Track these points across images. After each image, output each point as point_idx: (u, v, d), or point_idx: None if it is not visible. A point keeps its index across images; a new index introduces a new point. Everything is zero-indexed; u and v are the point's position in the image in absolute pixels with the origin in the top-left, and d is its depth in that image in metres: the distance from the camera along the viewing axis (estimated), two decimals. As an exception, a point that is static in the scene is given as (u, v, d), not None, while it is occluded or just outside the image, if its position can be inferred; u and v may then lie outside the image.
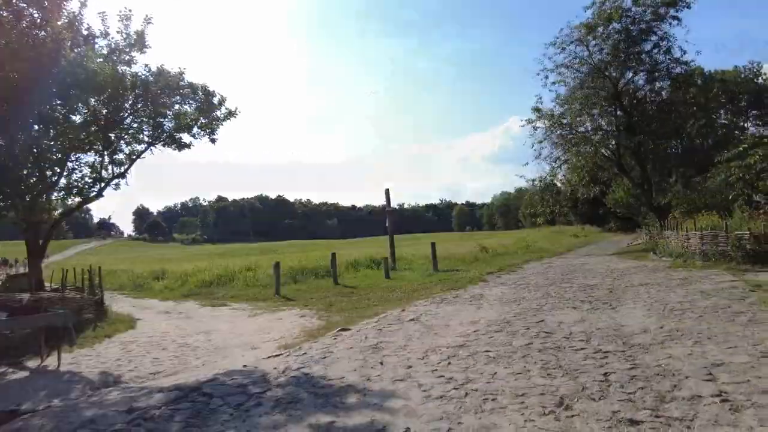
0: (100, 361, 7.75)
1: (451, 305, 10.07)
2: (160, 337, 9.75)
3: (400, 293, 13.46)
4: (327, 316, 10.92)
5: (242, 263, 25.82)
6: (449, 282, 14.68)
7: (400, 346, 6.55)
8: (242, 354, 7.75)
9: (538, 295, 10.57)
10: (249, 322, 11.42)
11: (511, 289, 12.14)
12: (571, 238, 49.33)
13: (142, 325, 11.74)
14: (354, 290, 15.24)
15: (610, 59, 25.50)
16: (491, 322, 7.82)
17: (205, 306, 15.23)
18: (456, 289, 12.81)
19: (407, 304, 10.96)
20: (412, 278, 16.96)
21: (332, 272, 17.95)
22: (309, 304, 13.39)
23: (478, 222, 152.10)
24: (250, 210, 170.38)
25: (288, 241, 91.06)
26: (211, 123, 12.98)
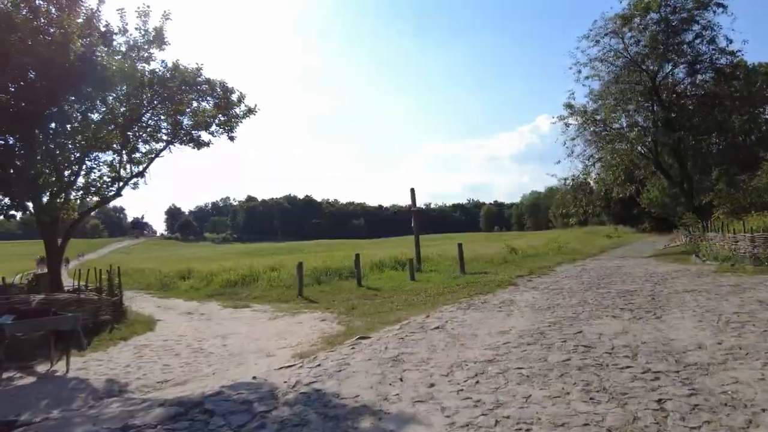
0: (109, 367, 7.43)
1: (478, 312, 9.43)
2: (175, 341, 9.44)
3: (424, 297, 12.87)
4: (348, 320, 10.43)
5: (267, 263, 25.65)
6: (477, 285, 14.01)
7: (423, 358, 5.98)
8: (255, 362, 7.32)
9: (573, 302, 9.83)
10: (268, 325, 11.03)
11: (543, 294, 11.41)
12: (604, 239, 47.68)
13: (161, 327, 11.50)
14: (378, 293, 14.73)
15: (647, 52, 24.25)
16: (523, 332, 7.17)
17: (227, 307, 14.98)
18: (484, 294, 12.15)
19: (432, 309, 10.37)
20: (437, 280, 16.35)
21: (356, 273, 17.49)
22: (331, 306, 12.95)
23: (507, 222, 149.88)
24: (279, 210, 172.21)
25: (315, 241, 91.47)
26: (230, 120, 12.68)
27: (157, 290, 23.15)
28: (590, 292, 11.09)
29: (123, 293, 12.34)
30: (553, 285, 13.12)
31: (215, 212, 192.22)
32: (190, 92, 11.93)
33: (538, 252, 27.82)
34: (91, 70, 8.70)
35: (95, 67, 8.83)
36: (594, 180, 29.57)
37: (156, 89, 11.43)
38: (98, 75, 8.78)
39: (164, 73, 11.65)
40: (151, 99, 11.67)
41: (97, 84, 8.96)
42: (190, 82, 11.73)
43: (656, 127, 24.73)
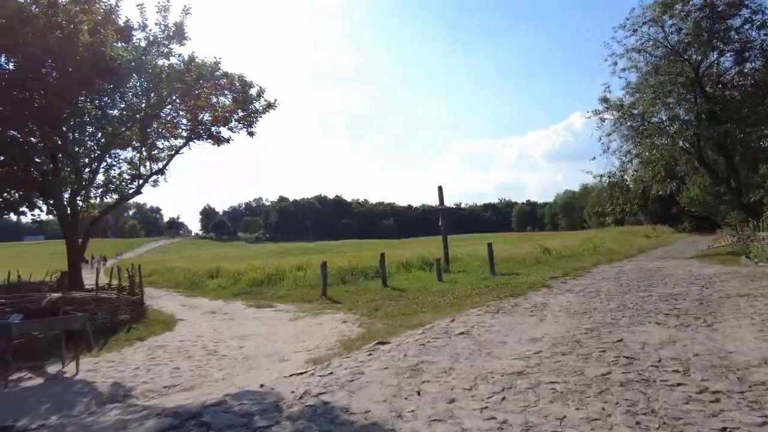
0: (119, 369, 7.17)
1: (508, 316, 8.79)
2: (191, 343, 9.16)
3: (451, 299, 12.27)
4: (369, 323, 9.95)
5: (295, 262, 25.47)
6: (507, 287, 13.31)
7: (444, 368, 5.43)
8: (268, 367, 6.92)
9: (611, 306, 9.06)
10: (288, 326, 10.67)
11: (578, 297, 10.65)
12: (642, 239, 45.77)
13: (180, 327, 11.30)
14: (403, 293, 14.20)
15: (690, 40, 22.82)
16: (557, 340, 6.52)
17: (250, 306, 14.78)
18: (515, 297, 11.47)
19: (458, 312, 9.78)
20: (466, 282, 15.69)
21: (381, 274, 17.01)
22: (354, 307, 12.52)
23: (540, 222, 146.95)
24: (310, 210, 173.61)
25: (344, 241, 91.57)
26: (250, 116, 12.40)
27: (185, 289, 23.27)
28: (630, 296, 10.28)
29: (144, 292, 12.20)
30: (589, 287, 12.31)
31: (248, 212, 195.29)
32: (207, 86, 11.70)
33: (573, 252, 26.72)
34: (101, 61, 8.50)
35: (104, 58, 8.64)
36: (631, 177, 28.17)
37: (174, 84, 11.21)
38: (108, 66, 8.57)
39: (181, 67, 11.44)
40: (169, 94, 11.48)
41: (108, 76, 8.76)
42: (207, 76, 11.49)
43: (699, 120, 23.25)
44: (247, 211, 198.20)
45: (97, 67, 8.35)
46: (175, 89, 11.23)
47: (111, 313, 10.01)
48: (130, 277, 12.07)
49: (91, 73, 8.24)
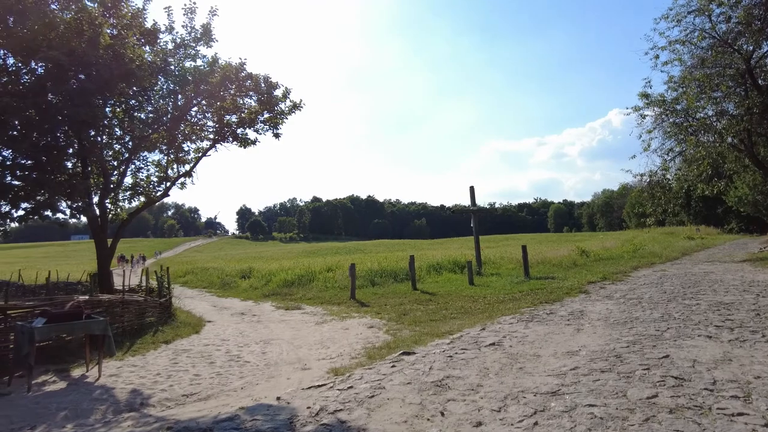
0: (141, 374, 7.07)
1: (542, 325, 8.30)
2: (215, 347, 9.03)
3: (483, 304, 11.82)
4: (396, 329, 9.63)
5: (327, 262, 25.46)
6: (542, 292, 12.75)
7: (472, 385, 5.04)
8: (288, 376, 6.68)
9: (655, 316, 8.43)
10: (313, 330, 10.46)
11: (618, 305, 10.02)
12: (685, 240, 43.68)
13: (207, 329, 11.24)
14: (432, 297, 13.82)
15: (740, 29, 21.43)
16: (595, 354, 6.02)
17: (279, 308, 14.70)
18: (550, 303, 10.92)
19: (489, 319, 9.34)
20: (498, 286, 15.17)
21: (410, 276, 16.66)
22: (382, 311, 12.24)
23: (577, 222, 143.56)
24: (342, 210, 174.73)
25: (376, 241, 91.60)
26: (276, 117, 12.24)
27: (218, 289, 23.49)
28: (675, 304, 9.58)
29: (172, 294, 12.20)
30: (629, 293, 11.62)
31: (283, 212, 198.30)
32: (233, 88, 11.59)
33: (612, 255, 25.67)
34: (121, 64, 8.46)
35: (124, 61, 8.59)
36: (674, 176, 26.81)
37: (200, 86, 11.15)
38: (127, 69, 8.52)
39: (205, 68, 11.37)
40: (195, 96, 11.43)
41: (128, 78, 8.73)
42: (232, 77, 11.39)
43: (751, 115, 21.83)
44: (282, 211, 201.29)
45: (118, 70, 8.30)
46: (200, 91, 11.17)
47: (138, 316, 10.02)
48: (158, 279, 12.10)
49: (112, 77, 8.19)
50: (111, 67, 8.06)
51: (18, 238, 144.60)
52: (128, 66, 8.46)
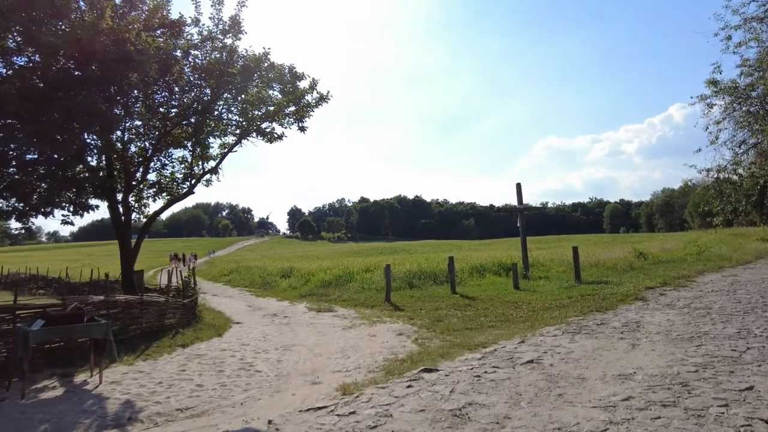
0: (142, 382, 6.59)
1: (591, 338, 7.22)
2: (231, 353, 8.51)
3: (526, 311, 10.76)
4: (426, 337, 8.78)
5: (365, 263, 24.83)
6: (593, 299, 11.51)
7: (497, 417, 4.14)
8: (294, 392, 5.99)
9: (730, 331, 7.15)
10: (339, 336, 9.78)
11: (682, 315, 8.72)
12: (758, 242, 39.85)
13: (232, 332, 10.79)
14: (472, 302, 12.85)
15: (830, 3, 19.03)
16: (654, 379, 4.96)
17: (311, 310, 14.21)
18: (602, 311, 9.73)
19: (531, 330, 8.32)
20: (546, 290, 13.98)
21: (450, 279, 15.70)
22: (415, 316, 11.43)
23: (635, 223, 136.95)
24: (390, 210, 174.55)
25: (422, 241, 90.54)
26: (302, 110, 11.63)
27: (258, 288, 23.42)
28: (754, 317, 8.19)
29: (198, 294, 11.84)
30: (695, 302, 10.22)
31: (332, 212, 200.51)
32: (255, 79, 11.05)
33: (673, 257, 23.52)
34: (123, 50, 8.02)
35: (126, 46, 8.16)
36: (747, 171, 24.27)
37: (223, 78, 10.66)
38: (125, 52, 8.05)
39: (223, 58, 10.87)
40: (217, 88, 10.97)
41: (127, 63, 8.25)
42: (252, 67, 10.84)
43: (841, 102, 19.37)
44: (331, 211, 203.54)
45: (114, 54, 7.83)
46: (222, 83, 10.69)
47: (158, 317, 9.68)
48: (183, 280, 11.78)
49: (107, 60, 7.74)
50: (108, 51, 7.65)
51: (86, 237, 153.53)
52: (126, 50, 8.03)
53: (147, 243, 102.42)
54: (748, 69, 21.46)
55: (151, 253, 78.23)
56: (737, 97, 21.47)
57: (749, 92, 21.15)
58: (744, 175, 24.08)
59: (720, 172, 23.73)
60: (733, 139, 22.51)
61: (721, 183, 24.19)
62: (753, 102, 21.38)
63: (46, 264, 37.05)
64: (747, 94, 21.26)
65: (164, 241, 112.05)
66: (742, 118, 21.99)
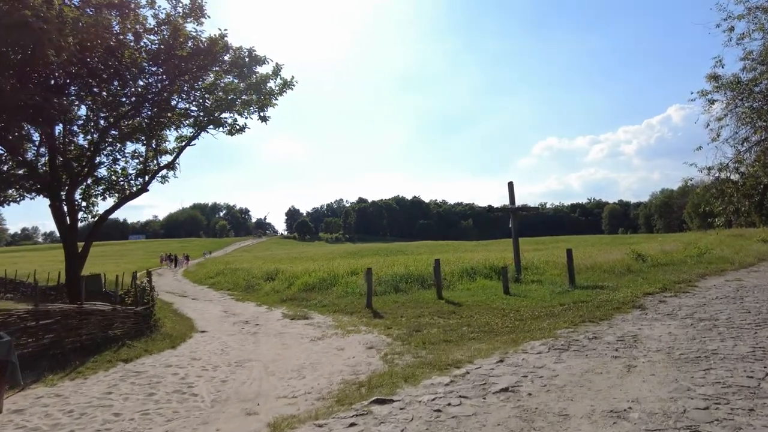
0: (49, 411, 5.57)
1: (580, 357, 6.23)
2: (175, 369, 7.52)
3: (513, 320, 9.79)
4: (398, 352, 7.80)
5: (353, 266, 23.88)
6: (587, 306, 10.53)
7: (448, 476, 3.17)
8: (220, 427, 5.00)
9: (742, 350, 6.14)
10: (304, 349, 8.80)
11: (685, 327, 7.74)
12: (759, 244, 38.85)
13: (190, 343, 9.81)
14: (457, 309, 11.88)
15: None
16: (654, 420, 3.96)
17: (287, 317, 13.31)
18: (595, 322, 8.75)
19: (514, 345, 7.34)
20: (537, 296, 13.01)
21: (436, 283, 14.71)
22: (394, 325, 10.49)
23: (633, 223, 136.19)
24: (388, 211, 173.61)
25: (419, 242, 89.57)
26: (264, 98, 10.58)
27: (241, 291, 22.58)
28: (767, 330, 7.22)
29: (154, 301, 10.80)
30: (699, 311, 9.24)
31: (330, 213, 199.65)
32: (209, 64, 9.97)
33: (672, 260, 22.50)
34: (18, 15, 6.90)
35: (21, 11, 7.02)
36: (749, 170, 23.27)
37: (172, 62, 9.59)
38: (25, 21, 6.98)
39: (165, 36, 9.76)
40: (168, 76, 9.90)
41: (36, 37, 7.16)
42: (204, 49, 9.76)
43: None
44: (329, 212, 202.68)
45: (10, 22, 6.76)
46: (170, 68, 9.58)
47: (102, 328, 8.68)
48: (136, 287, 10.73)
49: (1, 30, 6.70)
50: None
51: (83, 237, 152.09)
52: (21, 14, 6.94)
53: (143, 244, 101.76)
54: (751, 63, 20.43)
55: (146, 254, 77.43)
56: (740, 93, 20.46)
57: (752, 87, 20.13)
58: (746, 174, 23.10)
59: (721, 171, 22.68)
60: (735, 136, 21.45)
61: (722, 182, 23.20)
62: (756, 97, 20.37)
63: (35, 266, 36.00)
64: (750, 89, 20.24)
65: (161, 242, 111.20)
66: (744, 115, 20.97)
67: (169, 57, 9.33)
